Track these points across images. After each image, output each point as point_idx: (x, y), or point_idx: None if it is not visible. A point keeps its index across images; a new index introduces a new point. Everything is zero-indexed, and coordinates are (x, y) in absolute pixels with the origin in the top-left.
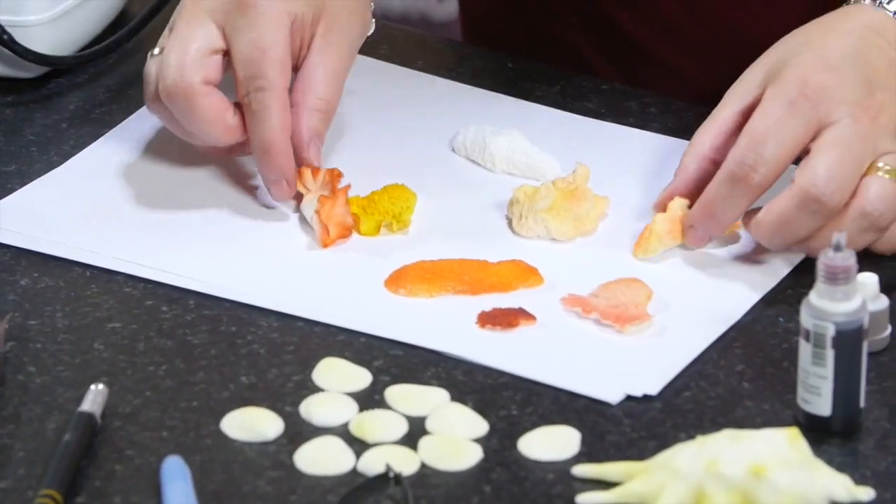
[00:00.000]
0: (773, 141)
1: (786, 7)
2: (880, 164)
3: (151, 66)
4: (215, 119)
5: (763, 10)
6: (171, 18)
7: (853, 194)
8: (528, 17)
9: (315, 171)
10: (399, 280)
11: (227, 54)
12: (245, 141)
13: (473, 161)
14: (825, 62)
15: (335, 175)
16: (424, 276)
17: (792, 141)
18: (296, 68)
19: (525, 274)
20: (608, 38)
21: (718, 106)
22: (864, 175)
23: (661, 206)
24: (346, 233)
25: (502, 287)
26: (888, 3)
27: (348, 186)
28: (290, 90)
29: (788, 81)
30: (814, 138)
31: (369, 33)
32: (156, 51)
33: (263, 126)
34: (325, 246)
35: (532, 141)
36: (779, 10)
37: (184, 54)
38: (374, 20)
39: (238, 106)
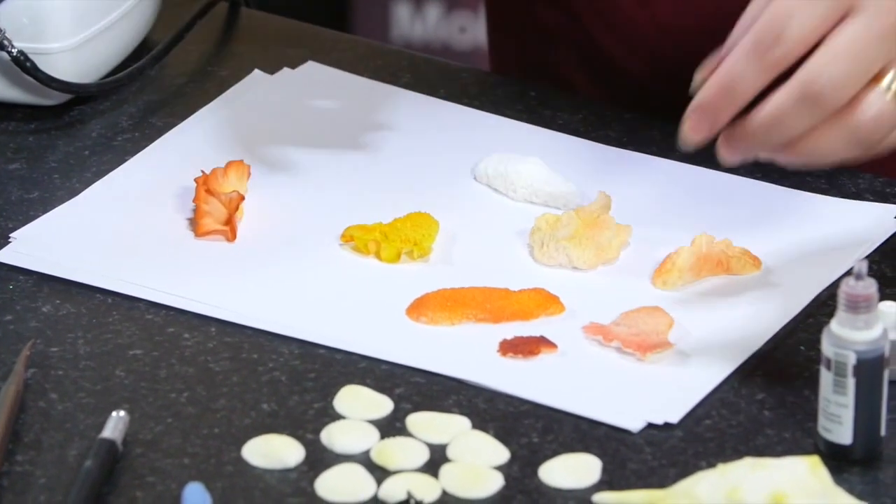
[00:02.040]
0: (797, 18)
1: None
2: (890, 75)
3: None
4: None
5: None
6: None
7: (853, 101)
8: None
9: (226, 170)
10: (420, 308)
11: None
12: None
13: (495, 189)
14: None
15: (238, 198)
16: (446, 304)
17: (817, 20)
18: None
19: (546, 302)
20: (602, 70)
21: None
22: (873, 81)
23: (705, 73)
24: (223, 233)
25: (524, 315)
26: None
27: (241, 198)
28: None
29: None
30: (839, 23)
31: None
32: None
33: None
34: (196, 234)
35: (554, 169)
36: None
37: None
38: None
39: None
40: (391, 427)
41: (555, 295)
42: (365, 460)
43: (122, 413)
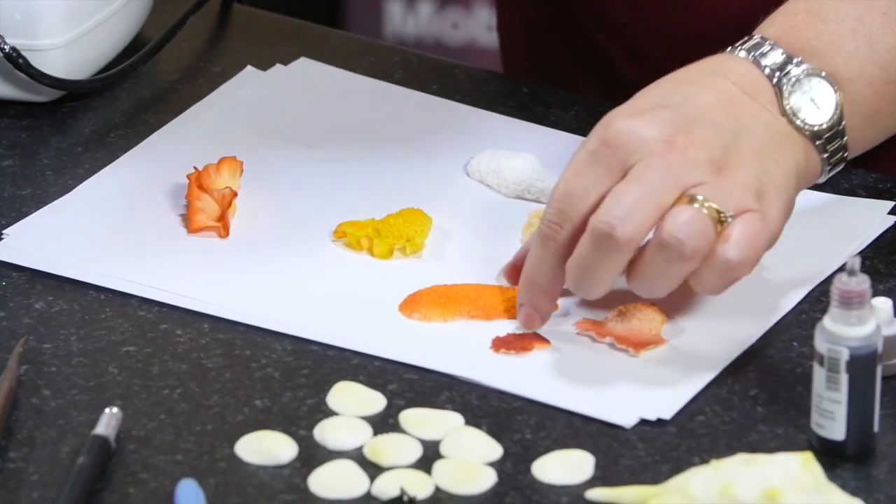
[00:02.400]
0: (573, 196)
1: None
2: (695, 196)
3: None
4: None
5: None
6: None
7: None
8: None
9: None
10: (413, 305)
11: None
12: None
13: (488, 185)
14: (635, 108)
15: (231, 195)
16: (439, 301)
17: (594, 192)
18: None
19: None
20: (605, 77)
21: None
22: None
23: (510, 276)
24: (216, 230)
25: (516, 312)
26: (762, 56)
27: (234, 194)
28: None
29: (593, 132)
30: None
31: None
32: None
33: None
34: (189, 230)
35: (547, 165)
36: None
37: None
38: None
39: None
40: (384, 423)
41: None
42: (358, 457)
43: (114, 409)
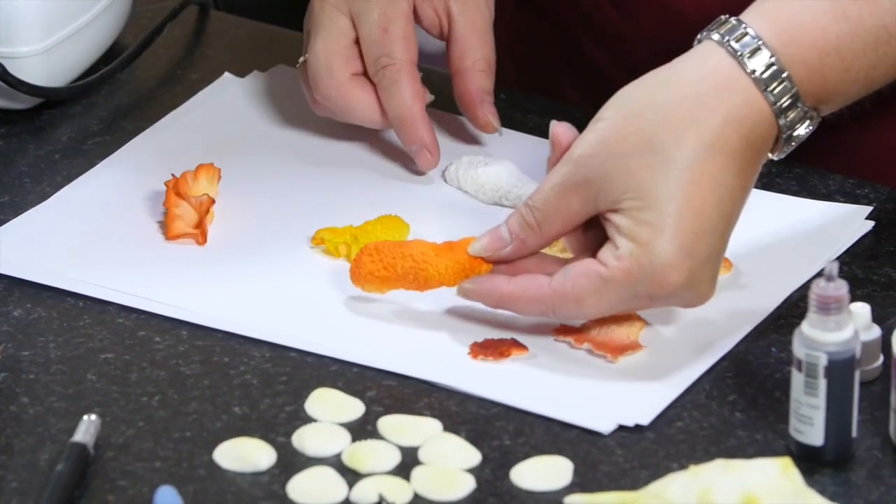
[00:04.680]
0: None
1: None
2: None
3: (302, 75)
4: (371, 109)
5: None
6: (305, 22)
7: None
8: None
9: (196, 174)
10: (356, 279)
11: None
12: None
13: (465, 192)
14: (692, 264)
15: (209, 201)
16: (375, 280)
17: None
18: (442, 37)
19: (470, 266)
20: (591, 82)
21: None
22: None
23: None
24: (193, 237)
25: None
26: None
27: (212, 201)
28: (448, 59)
29: (660, 264)
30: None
31: None
32: (301, 59)
33: (395, 101)
34: (167, 237)
35: (524, 171)
36: None
37: (327, 54)
38: None
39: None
40: (363, 430)
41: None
42: (336, 463)
43: (93, 417)
